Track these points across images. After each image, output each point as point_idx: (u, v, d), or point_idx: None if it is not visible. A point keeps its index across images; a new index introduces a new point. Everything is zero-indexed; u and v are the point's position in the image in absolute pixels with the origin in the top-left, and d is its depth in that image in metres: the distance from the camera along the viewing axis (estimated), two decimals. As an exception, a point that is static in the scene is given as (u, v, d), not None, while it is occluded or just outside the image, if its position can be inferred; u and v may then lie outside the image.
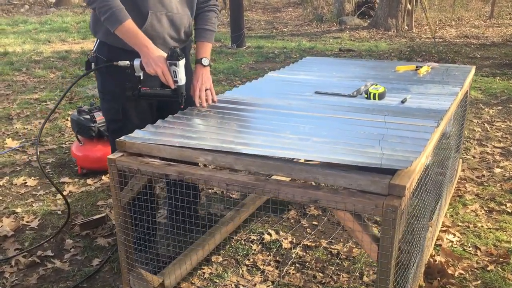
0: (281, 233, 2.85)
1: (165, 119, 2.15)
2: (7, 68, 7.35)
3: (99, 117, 3.58)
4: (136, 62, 2.12)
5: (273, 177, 1.81)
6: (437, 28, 12.01)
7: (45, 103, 5.60)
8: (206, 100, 2.34)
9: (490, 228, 2.86)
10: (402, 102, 2.31)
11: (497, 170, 3.68)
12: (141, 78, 2.17)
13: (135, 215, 2.28)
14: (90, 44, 9.51)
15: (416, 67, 3.01)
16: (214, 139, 1.88)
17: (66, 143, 4.30)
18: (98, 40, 2.28)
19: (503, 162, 3.84)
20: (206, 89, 2.36)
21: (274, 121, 2.10)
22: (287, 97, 2.46)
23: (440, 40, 10.13)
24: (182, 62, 2.12)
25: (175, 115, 2.21)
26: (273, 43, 9.89)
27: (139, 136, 1.94)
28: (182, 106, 2.21)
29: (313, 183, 1.64)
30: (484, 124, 4.82)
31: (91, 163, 3.58)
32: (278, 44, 9.73)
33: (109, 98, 2.31)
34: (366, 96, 2.41)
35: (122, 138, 1.93)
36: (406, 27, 11.72)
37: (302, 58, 8.25)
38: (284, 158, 1.68)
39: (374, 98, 2.37)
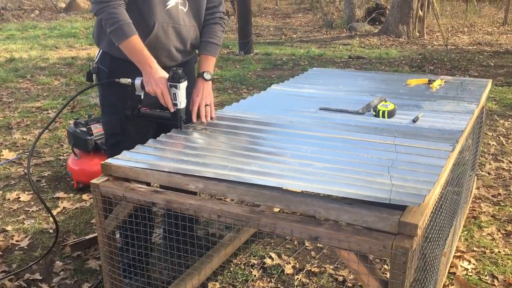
0: (283, 256, 2.68)
1: (158, 138, 2.00)
2: (12, 75, 7.26)
3: (96, 129, 3.44)
4: (137, 81, 2.05)
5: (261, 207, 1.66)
6: (449, 35, 11.78)
7: (47, 111, 5.49)
8: (206, 116, 2.20)
9: (508, 254, 2.66)
10: (414, 121, 2.13)
11: (514, 189, 3.48)
12: (142, 97, 2.09)
13: (125, 239, 2.13)
14: (97, 51, 9.42)
15: (429, 80, 2.83)
16: (207, 163, 1.71)
17: (64, 154, 4.17)
18: (101, 51, 2.20)
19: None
20: (206, 105, 2.22)
21: (273, 142, 1.93)
22: (289, 113, 2.30)
23: (453, 47, 9.91)
24: (183, 85, 2.01)
25: (168, 133, 2.05)
26: (282, 50, 9.73)
27: (130, 157, 1.79)
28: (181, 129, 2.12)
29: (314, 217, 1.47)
30: (499, 138, 4.62)
31: (87, 177, 3.43)
32: (286, 51, 9.57)
33: (109, 111, 2.24)
34: (374, 113, 2.23)
35: (107, 161, 1.78)
36: (418, 34, 11.51)
37: (310, 65, 8.12)
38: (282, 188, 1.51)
39: (383, 116, 2.20)
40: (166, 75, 2.02)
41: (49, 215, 3.11)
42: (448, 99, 2.49)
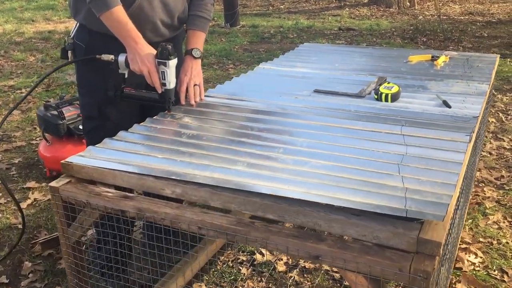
0: (275, 252, 2.46)
1: (142, 123, 1.76)
2: (-16, 51, 6.86)
3: (69, 112, 3.15)
4: (121, 58, 1.83)
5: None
6: (441, 4, 11.46)
7: (20, 90, 5.15)
8: (194, 97, 1.98)
9: (516, 245, 2.47)
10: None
11: (518, 170, 3.29)
12: (126, 76, 1.88)
13: (100, 236, 1.89)
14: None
15: (432, 57, 2.57)
16: (186, 162, 1.46)
17: (37, 139, 3.87)
18: (78, 24, 1.96)
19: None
20: (195, 85, 1.99)
21: (263, 133, 1.68)
22: (281, 97, 2.04)
23: (444, 17, 9.61)
24: (173, 63, 1.81)
25: (155, 117, 1.80)
26: (269, 22, 9.36)
27: (96, 154, 1.53)
28: (169, 112, 1.90)
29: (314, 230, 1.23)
30: (498, 114, 4.40)
31: (60, 165, 3.16)
32: (274, 23, 9.21)
33: (86, 92, 2.02)
34: (376, 97, 1.98)
35: (69, 159, 1.52)
36: (408, 4, 11.18)
37: (299, 38, 7.80)
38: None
39: (386, 100, 1.95)
40: (154, 51, 1.81)
41: (22, 206, 2.85)
42: (456, 78, 2.24)
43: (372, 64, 2.53)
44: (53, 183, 1.49)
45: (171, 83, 1.84)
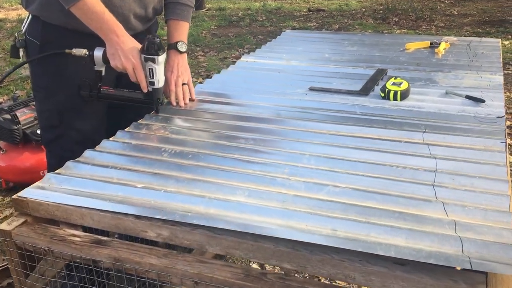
0: None
1: (127, 129, 1.48)
2: None
3: (24, 116, 2.80)
4: (98, 53, 1.59)
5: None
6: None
7: (-31, 88, 4.69)
8: (184, 98, 1.74)
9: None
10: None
11: None
12: (103, 74, 1.65)
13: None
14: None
15: (431, 43, 2.34)
16: (172, 191, 1.17)
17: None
18: (30, 16, 1.67)
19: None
20: (183, 84, 1.75)
21: (260, 147, 1.40)
22: (272, 98, 1.76)
23: (413, -5, 9.46)
24: (162, 59, 1.59)
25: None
26: (236, 4, 8.99)
27: (59, 185, 1.22)
28: (157, 114, 1.67)
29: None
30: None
31: (17, 175, 2.81)
32: (241, 5, 8.85)
33: (43, 96, 1.73)
34: (383, 95, 1.73)
35: (23, 193, 1.20)
36: (376, -18, 10.97)
37: (269, 21, 7.49)
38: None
39: (395, 99, 1.70)
40: (138, 45, 1.58)
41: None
42: (464, 69, 2.00)
43: (367, 54, 2.27)
44: (3, 226, 1.18)
45: (160, 81, 1.61)
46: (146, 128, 1.55)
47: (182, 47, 1.75)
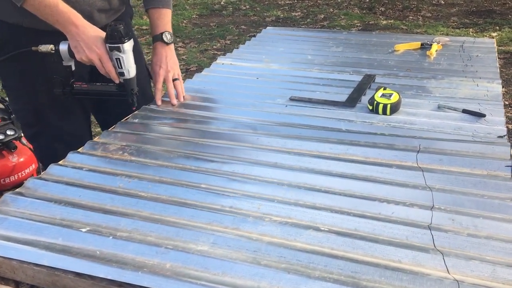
0: None
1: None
2: None
3: (-17, 119, 2.57)
4: (63, 47, 1.48)
5: None
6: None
7: None
8: (178, 96, 1.66)
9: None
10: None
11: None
12: (73, 69, 1.53)
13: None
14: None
15: (422, 44, 2.16)
16: (123, 238, 0.98)
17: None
18: None
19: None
20: (174, 79, 1.66)
21: (232, 174, 1.22)
22: (248, 111, 1.57)
23: (400, -16, 9.29)
24: (128, 46, 1.45)
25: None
26: (218, -8, 8.73)
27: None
28: (134, 108, 1.58)
29: None
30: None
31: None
32: (224, -7, 8.59)
33: (16, 96, 1.66)
34: (371, 107, 1.55)
35: None
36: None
37: (252, 10, 7.26)
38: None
39: (385, 112, 1.52)
40: (102, 33, 1.44)
41: None
42: (458, 75, 1.84)
43: (353, 56, 2.09)
44: None
45: (130, 70, 1.48)
46: (103, 149, 1.35)
47: (168, 38, 1.64)
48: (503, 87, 1.58)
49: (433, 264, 0.90)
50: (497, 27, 6.14)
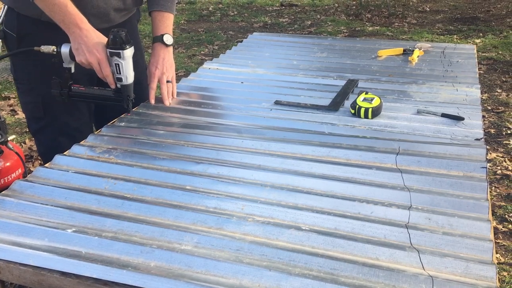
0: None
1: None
2: None
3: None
4: (65, 49, 1.52)
5: None
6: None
7: None
8: (168, 96, 1.71)
9: None
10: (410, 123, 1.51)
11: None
12: (72, 71, 1.56)
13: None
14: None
15: (404, 50, 2.21)
16: (108, 238, 1.00)
17: None
18: (6, 7, 1.62)
19: (489, 153, 3.21)
20: (167, 82, 1.71)
21: (217, 176, 1.24)
22: (233, 115, 1.61)
23: (386, -10, 9.41)
24: (128, 52, 1.48)
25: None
26: (206, -3, 8.77)
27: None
28: (129, 114, 1.62)
29: None
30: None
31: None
32: (212, -1, 8.63)
33: (26, 89, 1.69)
34: (353, 111, 1.59)
35: None
36: (349, -23, 10.88)
37: (240, 15, 7.30)
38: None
39: (366, 116, 1.56)
40: (104, 39, 1.48)
41: None
42: (439, 80, 1.88)
43: (337, 62, 2.13)
44: None
45: (128, 77, 1.51)
46: (89, 151, 1.37)
47: (168, 40, 1.69)
48: (486, 92, 1.63)
49: (409, 261, 0.93)
50: (481, 34, 6.25)
